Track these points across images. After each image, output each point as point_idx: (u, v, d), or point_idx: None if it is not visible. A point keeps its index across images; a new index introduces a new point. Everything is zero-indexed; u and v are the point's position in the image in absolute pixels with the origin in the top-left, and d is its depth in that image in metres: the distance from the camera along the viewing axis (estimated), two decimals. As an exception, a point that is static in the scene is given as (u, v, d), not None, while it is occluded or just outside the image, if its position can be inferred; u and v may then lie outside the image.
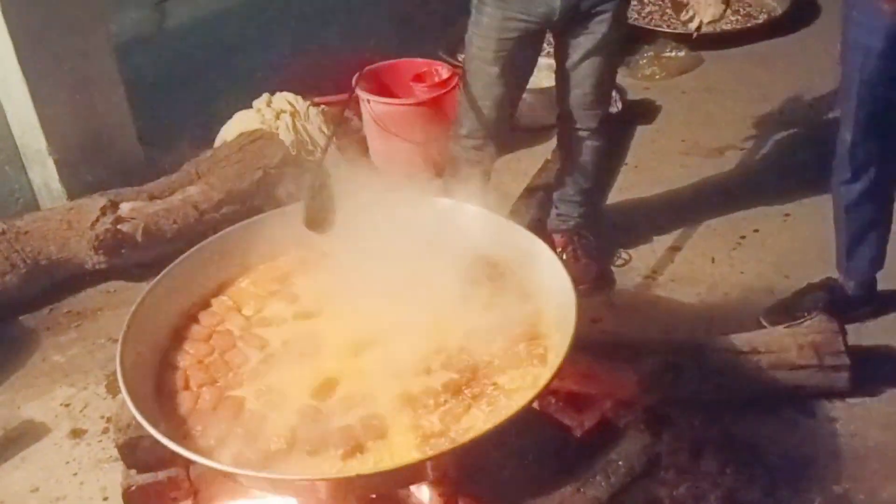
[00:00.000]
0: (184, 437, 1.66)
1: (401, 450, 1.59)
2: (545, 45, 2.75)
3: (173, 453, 1.58)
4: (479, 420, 1.61)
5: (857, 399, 2.41)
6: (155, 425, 1.59)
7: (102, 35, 3.33)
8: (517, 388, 1.66)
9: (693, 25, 2.83)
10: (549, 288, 1.87)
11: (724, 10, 2.79)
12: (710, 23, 2.83)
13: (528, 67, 2.67)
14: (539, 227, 2.91)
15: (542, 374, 1.65)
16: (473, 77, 2.62)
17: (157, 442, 1.58)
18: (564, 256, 2.92)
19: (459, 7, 2.22)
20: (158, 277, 1.93)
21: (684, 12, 2.89)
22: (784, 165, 3.51)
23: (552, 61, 2.73)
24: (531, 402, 1.62)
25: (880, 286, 2.72)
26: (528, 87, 2.76)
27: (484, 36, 2.53)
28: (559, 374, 1.64)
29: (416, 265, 1.88)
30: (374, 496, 1.85)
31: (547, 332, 1.83)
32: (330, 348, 1.83)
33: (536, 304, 1.90)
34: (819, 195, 3.28)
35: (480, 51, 2.55)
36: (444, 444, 1.56)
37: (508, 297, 1.87)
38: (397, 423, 1.64)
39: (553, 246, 2.91)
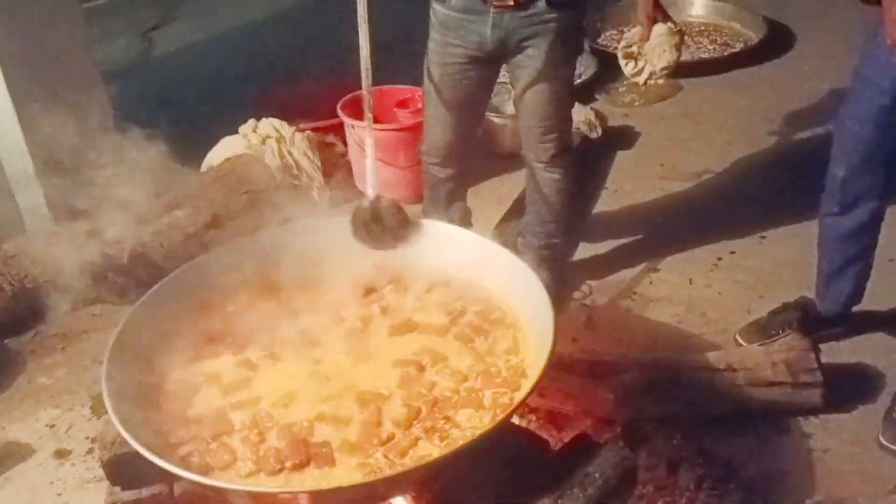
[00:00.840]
0: (168, 455, 1.68)
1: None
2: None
3: (158, 469, 1.60)
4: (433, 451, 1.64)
5: (830, 415, 2.46)
6: (139, 441, 1.62)
7: (90, 62, 3.39)
8: (473, 426, 1.69)
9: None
10: (527, 306, 1.92)
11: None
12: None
13: (478, 94, 2.68)
14: (518, 251, 2.95)
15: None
16: (427, 99, 2.71)
17: (142, 458, 1.60)
18: None
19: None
20: (143, 298, 1.96)
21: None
22: (760, 189, 3.58)
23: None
24: (509, 416, 1.66)
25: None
26: (507, 112, 2.82)
27: (432, 61, 2.61)
28: (536, 389, 1.68)
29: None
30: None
31: (524, 349, 1.88)
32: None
33: (515, 323, 1.95)
34: (795, 217, 3.36)
35: (430, 74, 2.64)
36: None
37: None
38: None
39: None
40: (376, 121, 3.60)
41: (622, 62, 2.94)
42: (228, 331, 1.99)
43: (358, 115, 3.62)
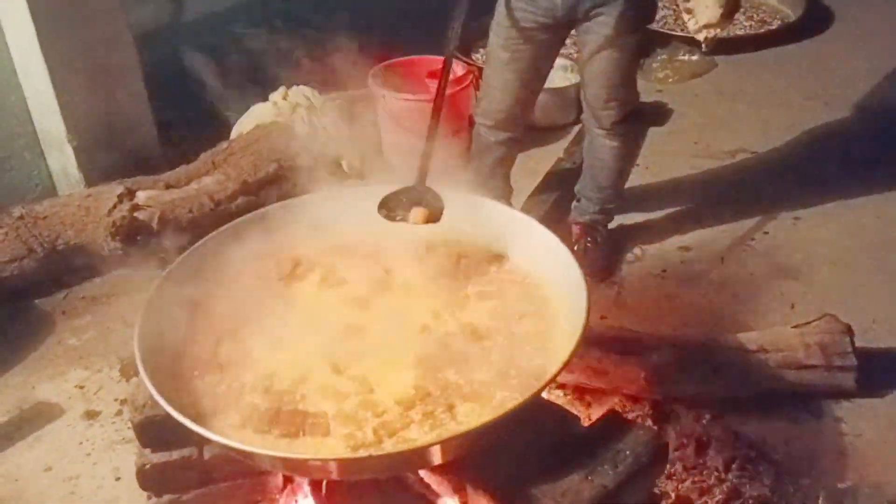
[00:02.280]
0: (198, 416, 1.68)
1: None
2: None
3: (189, 432, 1.61)
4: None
5: (862, 399, 2.43)
6: (171, 403, 1.62)
7: (122, 24, 3.37)
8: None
9: (693, 29, 2.80)
10: (561, 282, 1.90)
11: (721, 17, 2.74)
12: (706, 26, 2.78)
13: (542, 60, 2.69)
14: (551, 222, 2.92)
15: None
16: (488, 60, 2.74)
17: (173, 421, 1.61)
18: (576, 247, 2.97)
19: (473, 7, 2.27)
20: (175, 263, 1.96)
21: (689, 17, 2.86)
22: (795, 170, 3.53)
23: (566, 62, 2.76)
24: (540, 391, 1.64)
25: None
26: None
27: (499, 24, 2.63)
28: (567, 366, 1.66)
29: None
30: (383, 480, 1.88)
31: (556, 324, 1.86)
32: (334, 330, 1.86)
33: (547, 298, 1.93)
34: (829, 199, 3.32)
35: (495, 37, 2.66)
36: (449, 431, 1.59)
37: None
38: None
39: (571, 235, 2.99)
40: (407, 90, 3.61)
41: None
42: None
43: (389, 84, 3.60)
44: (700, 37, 2.81)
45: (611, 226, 3.08)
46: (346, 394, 1.72)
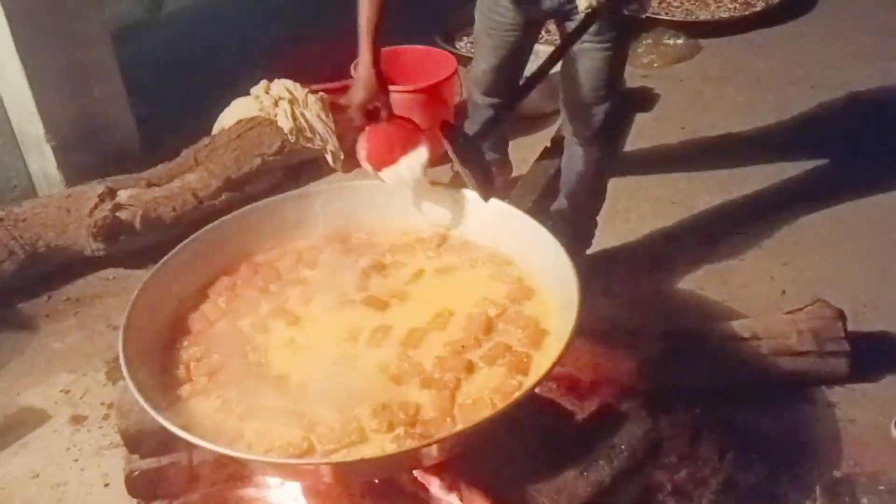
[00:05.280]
0: (185, 422, 1.65)
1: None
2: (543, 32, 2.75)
3: (177, 438, 1.58)
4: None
5: (856, 385, 2.41)
6: (158, 410, 1.59)
7: (98, 21, 3.32)
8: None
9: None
10: (551, 275, 1.88)
11: None
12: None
13: (523, 48, 2.69)
14: (538, 213, 2.88)
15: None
16: (476, 36, 2.76)
17: (161, 427, 1.58)
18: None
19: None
20: (160, 263, 1.92)
21: None
22: (783, 154, 3.50)
23: (549, 48, 2.72)
24: (533, 387, 1.62)
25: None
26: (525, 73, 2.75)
27: (481, 12, 2.63)
28: (561, 360, 1.64)
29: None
30: (376, 481, 1.86)
31: (548, 319, 1.84)
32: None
33: (537, 290, 1.91)
34: (818, 183, 3.31)
35: (479, 24, 2.68)
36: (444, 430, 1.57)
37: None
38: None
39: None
40: (391, 82, 3.56)
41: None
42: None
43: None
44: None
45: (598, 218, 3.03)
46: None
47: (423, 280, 1.98)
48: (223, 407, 1.69)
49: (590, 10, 2.18)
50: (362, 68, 2.14)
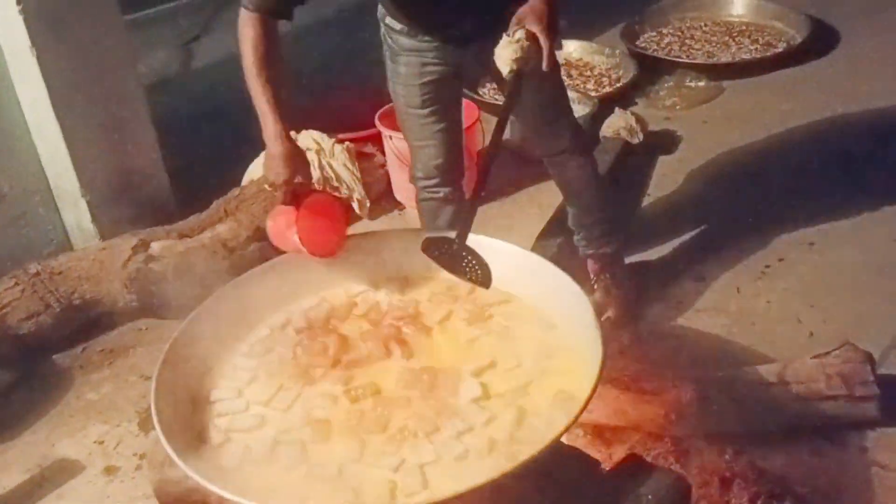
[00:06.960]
0: (216, 475, 1.68)
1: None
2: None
3: (207, 491, 1.60)
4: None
5: (887, 429, 2.39)
6: (188, 462, 1.62)
7: (133, 77, 3.41)
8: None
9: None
10: (575, 320, 1.89)
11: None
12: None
13: (456, 102, 2.63)
14: (563, 258, 2.91)
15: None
16: (409, 125, 2.60)
17: (191, 479, 1.60)
18: (596, 286, 2.92)
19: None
20: (192, 315, 1.96)
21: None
22: (808, 193, 3.49)
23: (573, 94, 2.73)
24: (560, 435, 1.63)
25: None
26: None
27: (405, 84, 2.50)
28: (587, 407, 1.65)
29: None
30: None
31: (572, 365, 1.85)
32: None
33: (561, 337, 1.92)
34: (844, 222, 3.29)
35: (406, 98, 2.52)
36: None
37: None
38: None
39: (587, 272, 2.95)
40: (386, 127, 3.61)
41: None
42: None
43: (395, 125, 3.61)
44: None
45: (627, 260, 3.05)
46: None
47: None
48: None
49: (512, 74, 2.04)
50: (276, 143, 2.03)
